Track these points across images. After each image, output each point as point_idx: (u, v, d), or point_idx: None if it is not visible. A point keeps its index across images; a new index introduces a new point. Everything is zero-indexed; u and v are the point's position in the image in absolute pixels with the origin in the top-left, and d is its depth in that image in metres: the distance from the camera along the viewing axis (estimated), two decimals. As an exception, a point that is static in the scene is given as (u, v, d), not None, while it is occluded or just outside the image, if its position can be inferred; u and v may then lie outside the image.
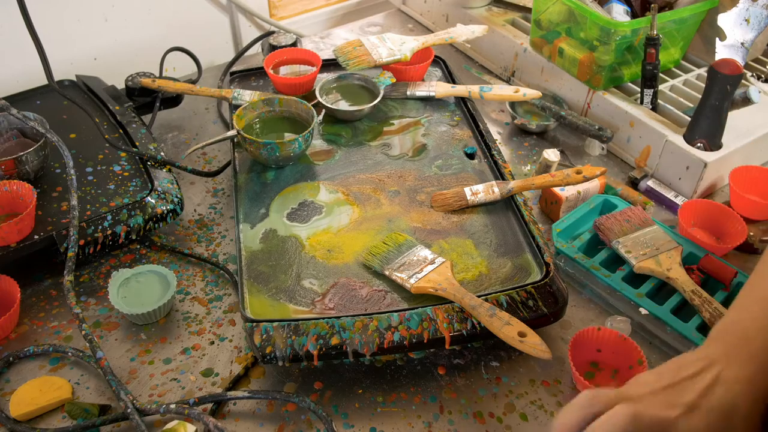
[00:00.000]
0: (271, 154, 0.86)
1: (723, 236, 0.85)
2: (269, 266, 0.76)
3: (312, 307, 0.71)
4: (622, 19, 0.99)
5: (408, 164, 0.91)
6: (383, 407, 0.68)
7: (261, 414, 0.68)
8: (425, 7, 1.35)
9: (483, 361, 0.73)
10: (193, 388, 0.70)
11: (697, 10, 0.97)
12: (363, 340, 0.66)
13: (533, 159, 1.01)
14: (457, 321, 0.68)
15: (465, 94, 1.00)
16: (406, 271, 0.73)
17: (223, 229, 0.89)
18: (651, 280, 0.77)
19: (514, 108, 1.07)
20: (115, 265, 0.83)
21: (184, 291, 0.80)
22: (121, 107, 0.97)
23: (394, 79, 1.02)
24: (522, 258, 0.77)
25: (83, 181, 0.85)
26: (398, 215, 0.83)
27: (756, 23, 1.01)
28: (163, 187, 0.85)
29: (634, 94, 1.02)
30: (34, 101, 0.99)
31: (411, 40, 1.03)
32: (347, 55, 1.01)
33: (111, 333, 0.75)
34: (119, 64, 1.19)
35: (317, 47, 1.28)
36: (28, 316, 0.77)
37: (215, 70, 1.19)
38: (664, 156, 0.93)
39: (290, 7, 1.43)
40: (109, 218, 0.80)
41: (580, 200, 0.88)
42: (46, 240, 0.77)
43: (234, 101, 0.98)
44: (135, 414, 0.64)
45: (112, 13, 1.19)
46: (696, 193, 0.92)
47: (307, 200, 0.85)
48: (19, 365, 0.72)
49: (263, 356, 0.66)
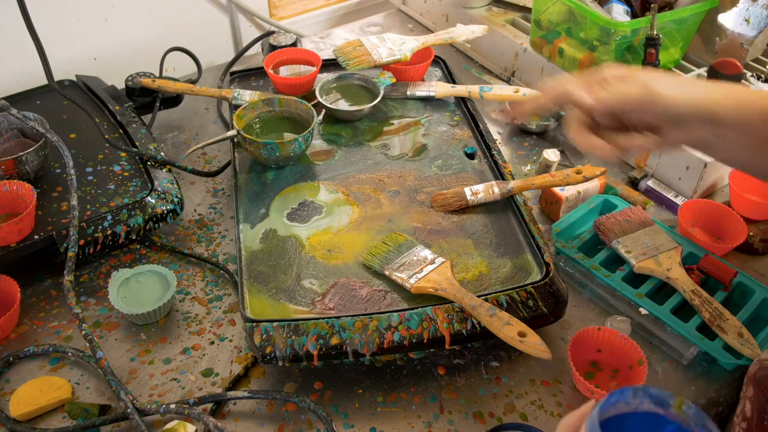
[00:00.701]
0: (271, 154, 0.86)
1: (723, 236, 0.85)
2: (269, 266, 0.76)
3: (312, 307, 0.71)
4: (622, 19, 0.99)
5: (408, 164, 0.91)
6: (383, 407, 0.68)
7: (261, 414, 0.68)
8: (425, 7, 1.35)
9: (483, 361, 0.73)
10: (193, 388, 0.70)
11: (697, 10, 0.97)
12: (363, 340, 0.66)
13: (533, 159, 1.01)
14: (457, 321, 0.68)
15: (465, 94, 1.00)
16: (406, 271, 0.73)
17: (223, 229, 0.89)
18: (651, 280, 0.77)
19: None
20: (115, 265, 0.83)
21: (184, 291, 0.80)
22: (121, 107, 0.97)
23: (394, 79, 1.02)
24: (522, 258, 0.77)
25: (83, 181, 0.85)
26: (398, 215, 0.83)
27: (756, 23, 1.01)
28: (163, 187, 0.85)
29: (634, 94, 1.02)
30: (34, 101, 0.99)
31: (411, 40, 1.03)
32: (347, 55, 1.01)
33: (111, 333, 0.75)
34: (119, 64, 1.19)
35: (317, 47, 1.28)
36: (28, 316, 0.77)
37: (215, 70, 1.19)
38: (664, 156, 0.93)
39: (290, 7, 1.43)
40: (109, 218, 0.80)
41: (580, 200, 0.88)
42: (46, 240, 0.77)
43: (234, 101, 0.98)
44: (135, 414, 0.64)
45: (112, 13, 1.19)
46: (696, 193, 0.92)
47: (307, 200, 0.85)
48: (19, 365, 0.72)
49: (263, 356, 0.66)
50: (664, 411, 0.43)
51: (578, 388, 0.70)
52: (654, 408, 0.43)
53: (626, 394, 0.42)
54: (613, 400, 0.41)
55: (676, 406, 0.42)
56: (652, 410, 0.43)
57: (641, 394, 0.42)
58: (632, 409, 0.43)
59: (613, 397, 0.41)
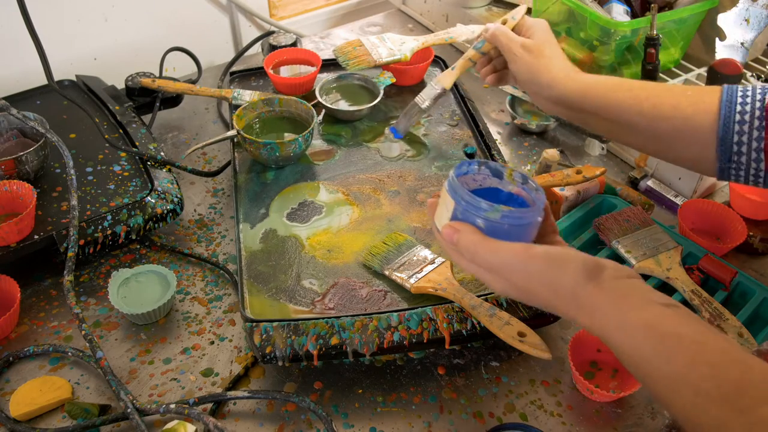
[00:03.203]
0: (271, 154, 0.86)
1: (723, 236, 0.85)
2: (269, 266, 0.76)
3: (312, 307, 0.71)
4: (622, 19, 0.99)
5: (408, 164, 0.91)
6: (383, 407, 0.68)
7: (261, 414, 0.68)
8: (425, 7, 1.35)
9: (483, 361, 0.73)
10: (193, 388, 0.70)
11: (697, 10, 0.97)
12: (363, 340, 0.66)
13: (533, 159, 1.01)
14: (457, 321, 0.68)
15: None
16: (406, 271, 0.73)
17: (223, 229, 0.89)
18: (651, 280, 0.77)
19: (514, 108, 1.07)
20: (115, 265, 0.83)
21: (184, 291, 0.80)
22: (121, 107, 0.97)
23: (394, 79, 1.02)
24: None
25: (83, 181, 0.85)
26: (398, 215, 0.83)
27: (756, 23, 1.01)
28: (163, 187, 0.85)
29: (634, 94, 1.02)
30: (34, 101, 0.99)
31: (411, 40, 1.03)
32: (347, 55, 1.01)
33: (111, 333, 0.75)
34: (119, 64, 1.18)
35: (317, 47, 1.28)
36: (28, 316, 0.77)
37: (215, 70, 1.19)
38: (664, 156, 0.93)
39: (290, 7, 1.43)
40: (109, 218, 0.80)
41: (580, 200, 0.88)
42: (46, 240, 0.77)
43: (234, 101, 0.98)
44: (135, 414, 0.64)
45: (112, 13, 1.19)
46: (696, 193, 0.92)
47: (307, 200, 0.85)
48: (19, 365, 0.72)
49: (263, 356, 0.66)
50: (500, 182, 0.57)
51: (578, 388, 0.70)
52: (495, 183, 0.57)
53: (473, 164, 0.57)
54: (464, 168, 0.56)
55: (508, 174, 0.57)
56: (494, 186, 0.57)
57: (484, 167, 0.57)
58: (479, 185, 0.57)
59: (463, 165, 0.56)
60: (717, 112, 0.62)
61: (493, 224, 0.52)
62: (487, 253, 0.52)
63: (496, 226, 0.52)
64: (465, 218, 0.53)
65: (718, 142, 0.63)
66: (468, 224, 0.53)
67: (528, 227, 0.53)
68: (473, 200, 0.52)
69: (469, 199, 0.52)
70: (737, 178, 0.64)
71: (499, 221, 0.51)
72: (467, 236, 0.52)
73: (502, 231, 0.52)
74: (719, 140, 0.63)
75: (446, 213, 0.54)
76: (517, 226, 0.52)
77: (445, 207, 0.54)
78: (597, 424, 0.67)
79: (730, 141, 0.62)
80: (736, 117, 0.62)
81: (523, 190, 0.56)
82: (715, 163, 0.64)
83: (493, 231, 0.52)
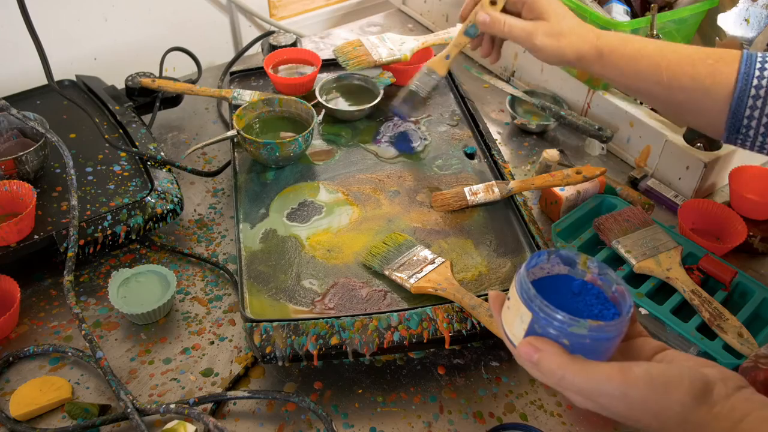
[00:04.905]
0: (271, 154, 0.86)
1: (723, 236, 0.85)
2: (269, 266, 0.76)
3: (312, 307, 0.71)
4: (622, 19, 0.99)
5: (408, 164, 0.91)
6: (383, 407, 0.68)
7: (261, 414, 0.68)
8: (425, 7, 1.35)
9: (483, 361, 0.73)
10: (193, 388, 0.70)
11: (697, 10, 0.97)
12: (363, 340, 0.66)
13: (533, 159, 1.01)
14: (457, 321, 0.68)
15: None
16: (405, 271, 0.73)
17: (223, 229, 0.89)
18: (651, 280, 0.77)
19: (514, 108, 1.07)
20: (115, 265, 0.83)
21: (184, 291, 0.80)
22: (121, 107, 0.97)
23: (394, 79, 1.02)
24: (522, 258, 0.76)
25: (83, 181, 0.85)
26: (398, 215, 0.83)
27: (756, 23, 1.01)
28: (163, 187, 0.85)
29: (634, 94, 1.02)
30: (34, 101, 0.99)
31: (411, 40, 1.03)
32: (347, 55, 1.01)
33: (111, 333, 0.75)
34: (119, 64, 1.18)
35: (317, 47, 1.28)
36: (28, 316, 0.77)
37: (215, 70, 1.19)
38: (663, 156, 0.93)
39: (290, 7, 1.43)
40: (109, 218, 0.80)
41: (580, 200, 0.88)
42: (46, 240, 0.77)
43: (234, 101, 0.98)
44: (135, 414, 0.64)
45: (112, 13, 1.19)
46: (696, 193, 0.92)
47: (307, 200, 0.85)
48: (19, 365, 0.72)
49: (263, 356, 0.66)
50: (571, 270, 0.51)
51: (578, 388, 0.69)
52: (565, 269, 0.51)
53: (542, 255, 0.50)
54: (533, 262, 0.50)
55: (582, 262, 0.50)
56: (563, 272, 0.51)
57: (554, 255, 0.51)
58: (547, 272, 0.51)
59: (533, 259, 0.50)
60: (734, 84, 0.64)
61: (578, 340, 0.45)
62: (577, 378, 0.46)
63: (581, 342, 0.45)
64: (544, 333, 0.46)
65: (729, 114, 0.65)
66: (550, 342, 0.46)
67: (614, 339, 0.46)
68: (553, 313, 0.45)
69: (549, 312, 0.45)
70: (743, 146, 0.67)
71: (584, 335, 0.45)
72: (551, 358, 0.46)
73: (584, 346, 0.46)
74: (731, 113, 0.65)
75: (520, 324, 0.48)
76: (605, 341, 0.46)
77: (519, 317, 0.48)
78: (597, 424, 0.67)
79: (741, 115, 0.64)
80: (750, 92, 0.63)
81: (599, 280, 0.50)
82: (724, 130, 0.66)
83: (578, 347, 0.46)
